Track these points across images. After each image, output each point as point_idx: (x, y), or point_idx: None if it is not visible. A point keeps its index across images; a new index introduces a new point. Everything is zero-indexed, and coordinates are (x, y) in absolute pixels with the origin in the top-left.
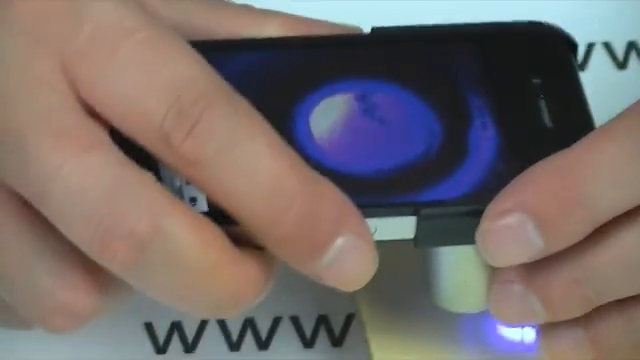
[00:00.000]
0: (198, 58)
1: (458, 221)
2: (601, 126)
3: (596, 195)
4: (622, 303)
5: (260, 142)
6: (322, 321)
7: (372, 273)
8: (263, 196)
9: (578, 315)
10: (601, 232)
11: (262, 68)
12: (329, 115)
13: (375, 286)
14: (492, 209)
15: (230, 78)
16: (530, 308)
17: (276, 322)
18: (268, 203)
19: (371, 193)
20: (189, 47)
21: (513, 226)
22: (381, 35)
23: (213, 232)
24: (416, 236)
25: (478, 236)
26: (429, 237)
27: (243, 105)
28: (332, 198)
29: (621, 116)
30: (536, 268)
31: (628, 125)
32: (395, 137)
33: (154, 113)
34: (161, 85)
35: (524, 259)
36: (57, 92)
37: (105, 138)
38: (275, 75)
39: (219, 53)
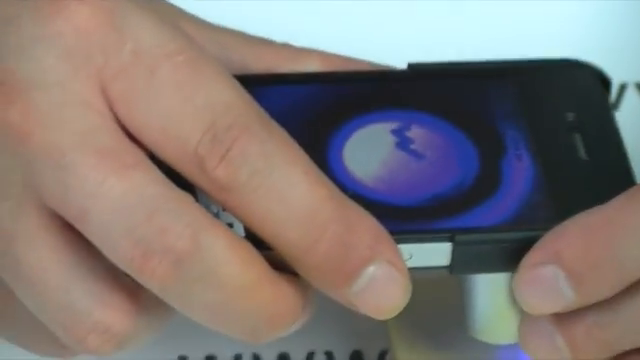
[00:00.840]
0: (235, 84)
1: (492, 248)
2: (634, 187)
3: (626, 256)
4: None
5: (295, 169)
6: (356, 356)
7: (405, 301)
8: (297, 223)
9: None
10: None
11: (302, 101)
12: (367, 146)
13: (409, 321)
14: (527, 259)
15: (270, 110)
16: (556, 347)
17: (310, 356)
18: (301, 230)
19: (407, 220)
20: (227, 72)
21: (545, 278)
22: (417, 70)
23: (252, 253)
24: (451, 263)
25: (514, 284)
26: (464, 264)
27: (278, 132)
28: (366, 226)
29: None
30: None
31: None
32: (432, 167)
33: (189, 138)
34: (196, 110)
35: (556, 309)
36: (97, 112)
37: (145, 158)
38: (315, 108)
39: (258, 85)
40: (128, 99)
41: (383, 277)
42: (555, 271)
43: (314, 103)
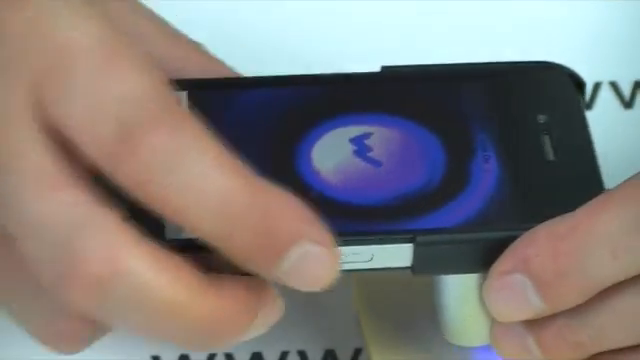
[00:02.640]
0: (150, 76)
1: (454, 248)
2: (603, 193)
3: (593, 264)
4: (619, 352)
5: (206, 160)
6: (329, 355)
7: (334, 277)
8: (212, 215)
9: None
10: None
11: (275, 102)
12: (333, 149)
13: (383, 320)
14: (496, 267)
15: (242, 114)
16: (528, 348)
17: (284, 356)
18: (218, 221)
19: (369, 221)
20: (143, 64)
21: (514, 286)
22: (390, 73)
23: (181, 269)
24: (413, 264)
25: (483, 291)
26: (426, 265)
27: (189, 124)
28: (287, 209)
29: (623, 184)
30: None
31: (628, 194)
32: (397, 168)
33: (101, 135)
34: (108, 105)
35: (526, 316)
36: (29, 126)
37: (73, 177)
38: (285, 109)
39: (233, 88)
40: (54, 100)
41: (310, 256)
42: (523, 279)
43: (286, 105)
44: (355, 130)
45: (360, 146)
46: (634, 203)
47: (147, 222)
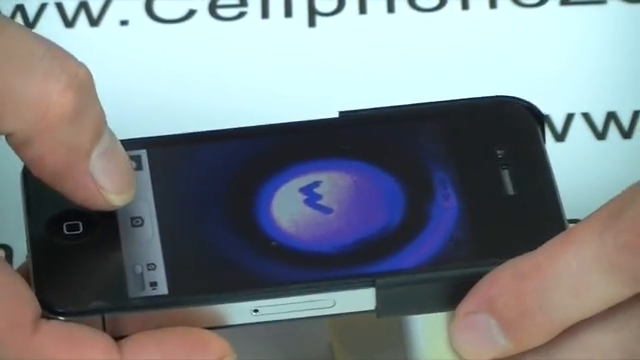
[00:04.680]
0: None
1: (416, 289)
2: (564, 231)
3: (556, 303)
4: None
5: None
6: None
7: None
8: None
9: None
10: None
11: (230, 155)
12: (288, 197)
13: (355, 351)
14: (461, 307)
15: (203, 167)
16: None
17: None
18: None
19: (329, 267)
20: None
21: (479, 326)
22: (348, 117)
23: None
24: (377, 307)
25: (450, 332)
26: (390, 307)
27: None
28: None
29: (584, 221)
30: None
31: (589, 232)
32: (354, 213)
33: None
34: None
35: (492, 356)
36: None
37: None
38: (243, 161)
39: (184, 147)
40: None
41: None
42: (488, 319)
43: (244, 156)
44: (307, 178)
45: (310, 194)
46: (594, 241)
47: (108, 282)
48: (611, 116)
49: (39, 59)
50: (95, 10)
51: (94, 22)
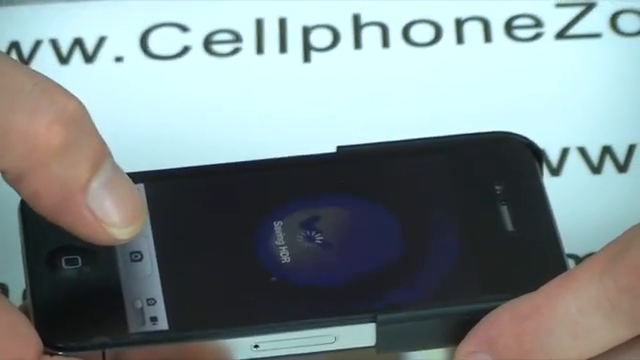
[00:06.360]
0: None
1: (416, 325)
2: (564, 273)
3: (555, 345)
4: None
5: None
6: None
7: None
8: None
9: None
10: None
11: (229, 190)
12: (288, 232)
13: None
14: (461, 347)
15: (202, 201)
16: None
17: None
18: None
19: (330, 303)
20: None
21: None
22: (346, 152)
23: None
24: (377, 342)
25: None
26: (390, 343)
27: None
28: None
29: (582, 265)
30: None
31: (587, 275)
32: (354, 249)
33: None
34: None
35: None
36: None
37: None
38: (241, 196)
39: (182, 181)
40: None
41: None
42: (488, 359)
43: (242, 192)
44: (306, 213)
45: (309, 229)
46: (594, 284)
47: (109, 317)
48: (607, 150)
49: (27, 93)
50: (90, 46)
51: (89, 58)
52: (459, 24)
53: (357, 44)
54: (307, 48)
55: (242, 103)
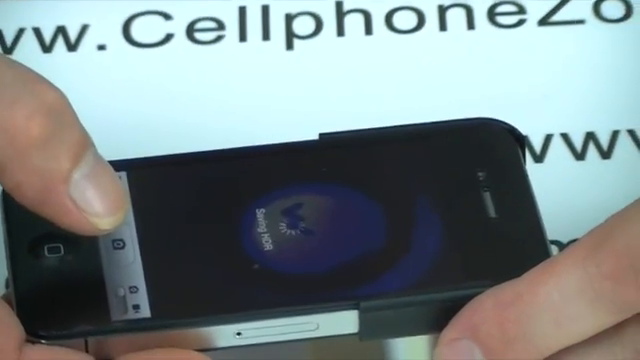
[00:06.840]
0: None
1: (399, 312)
2: (547, 260)
3: (537, 332)
4: None
5: None
6: None
7: None
8: None
9: None
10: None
11: (211, 178)
12: (271, 219)
13: None
14: (444, 334)
15: (185, 189)
16: None
17: None
18: None
19: (312, 290)
20: None
21: (461, 352)
22: (329, 139)
23: None
24: (360, 330)
25: (433, 359)
26: (372, 330)
27: None
28: None
29: (565, 252)
30: None
31: (570, 262)
32: (336, 236)
33: None
34: None
35: None
36: None
37: None
38: (223, 184)
39: (164, 168)
40: None
41: None
42: (471, 346)
43: (224, 179)
44: (289, 201)
45: (292, 217)
46: (575, 271)
47: (91, 305)
48: (590, 136)
49: (7, 85)
50: (73, 35)
51: (72, 47)
52: (442, 11)
53: (340, 31)
54: (290, 36)
55: (225, 91)
